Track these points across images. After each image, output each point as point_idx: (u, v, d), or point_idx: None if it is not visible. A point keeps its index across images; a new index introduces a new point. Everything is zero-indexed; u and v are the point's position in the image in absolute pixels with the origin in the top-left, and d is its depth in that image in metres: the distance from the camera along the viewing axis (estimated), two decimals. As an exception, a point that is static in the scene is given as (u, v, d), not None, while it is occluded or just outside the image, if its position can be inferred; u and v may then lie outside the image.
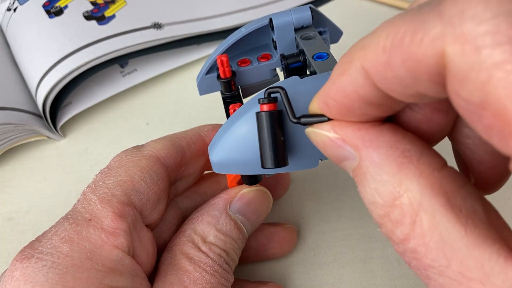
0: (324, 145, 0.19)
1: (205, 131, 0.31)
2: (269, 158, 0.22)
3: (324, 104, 0.19)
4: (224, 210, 0.28)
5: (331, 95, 0.18)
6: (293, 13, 0.28)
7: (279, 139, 0.22)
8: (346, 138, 0.18)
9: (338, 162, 0.19)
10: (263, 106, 0.22)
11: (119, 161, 0.28)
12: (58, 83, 0.42)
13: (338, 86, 0.18)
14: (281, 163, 0.22)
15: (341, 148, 0.19)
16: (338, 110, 0.18)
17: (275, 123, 0.22)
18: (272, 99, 0.22)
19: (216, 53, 0.30)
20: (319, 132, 0.19)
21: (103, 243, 0.24)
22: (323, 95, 0.19)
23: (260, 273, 0.35)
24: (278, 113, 0.22)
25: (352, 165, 0.18)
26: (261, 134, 0.22)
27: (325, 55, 0.26)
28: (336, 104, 0.18)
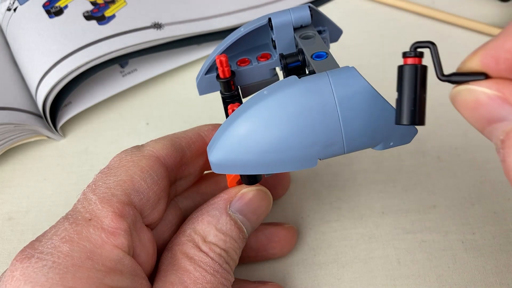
0: (478, 103, 0.18)
1: (205, 131, 0.31)
2: (407, 112, 0.21)
3: (493, 58, 0.18)
4: (224, 210, 0.28)
5: (509, 47, 0.17)
6: (292, 13, 0.28)
7: (422, 95, 0.21)
8: (510, 96, 0.17)
9: (488, 123, 0.18)
10: (408, 59, 0.21)
11: (119, 161, 0.28)
12: (58, 83, 0.42)
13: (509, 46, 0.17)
14: (420, 120, 0.21)
15: (499, 107, 0.17)
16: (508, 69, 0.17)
17: (420, 78, 0.21)
18: (418, 54, 0.21)
19: (215, 53, 0.30)
20: (475, 89, 0.18)
21: (103, 243, 0.24)
22: (496, 48, 0.17)
23: (260, 273, 0.35)
24: (424, 69, 0.21)
25: (507, 127, 0.17)
26: (402, 88, 0.21)
27: (324, 55, 0.26)
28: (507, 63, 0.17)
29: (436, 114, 0.42)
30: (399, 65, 0.21)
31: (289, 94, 0.23)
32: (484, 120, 0.18)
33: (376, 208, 0.37)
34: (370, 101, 0.22)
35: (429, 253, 0.35)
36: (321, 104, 0.22)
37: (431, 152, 0.40)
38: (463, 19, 0.48)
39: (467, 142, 0.40)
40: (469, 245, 0.35)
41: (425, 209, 0.37)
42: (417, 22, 0.50)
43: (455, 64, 0.21)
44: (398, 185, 0.38)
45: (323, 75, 0.23)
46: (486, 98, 0.18)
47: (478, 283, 0.33)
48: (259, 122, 0.23)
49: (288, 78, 0.23)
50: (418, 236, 0.35)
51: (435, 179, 0.38)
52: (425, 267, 0.34)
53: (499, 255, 0.34)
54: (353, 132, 0.23)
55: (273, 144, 0.23)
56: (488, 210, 0.36)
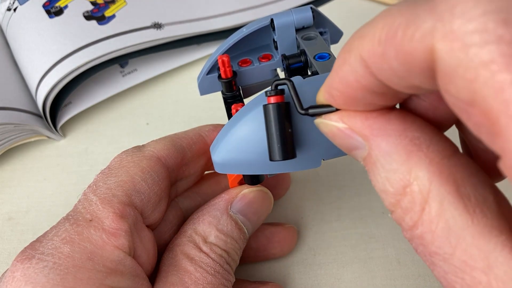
0: (333, 135, 0.19)
1: (206, 131, 0.31)
2: (277, 150, 0.22)
3: (329, 95, 0.19)
4: (225, 211, 0.28)
5: (335, 85, 0.18)
6: (294, 14, 0.28)
7: (287, 131, 0.22)
8: (354, 127, 0.18)
9: (348, 151, 0.19)
10: (270, 98, 0.22)
11: (120, 161, 0.28)
12: (58, 83, 0.42)
13: (340, 76, 0.17)
14: (289, 155, 0.22)
15: (350, 138, 0.18)
16: (343, 100, 0.18)
17: (283, 115, 0.22)
18: (279, 91, 0.22)
19: (217, 53, 0.30)
20: (327, 122, 0.19)
21: (104, 243, 0.24)
22: (327, 86, 0.19)
23: (260, 273, 0.35)
24: (285, 105, 0.22)
25: (362, 154, 0.18)
26: (269, 126, 0.22)
27: (326, 55, 0.26)
28: (340, 94, 0.18)
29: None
30: (264, 105, 0.22)
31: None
32: (344, 148, 0.19)
33: (376, 208, 0.37)
34: None
35: (429, 253, 0.35)
36: None
37: (431, 152, 0.40)
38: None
39: (467, 142, 0.40)
40: (469, 245, 0.35)
41: (425, 209, 0.37)
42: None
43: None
44: (398, 185, 0.38)
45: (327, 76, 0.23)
46: (337, 131, 0.19)
47: (478, 283, 0.33)
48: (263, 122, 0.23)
49: (292, 78, 0.23)
50: (418, 236, 0.35)
51: (435, 179, 0.38)
52: (425, 267, 0.34)
53: (499, 255, 0.34)
54: None
55: None
56: (488, 210, 0.36)
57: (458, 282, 0.16)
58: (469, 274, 0.15)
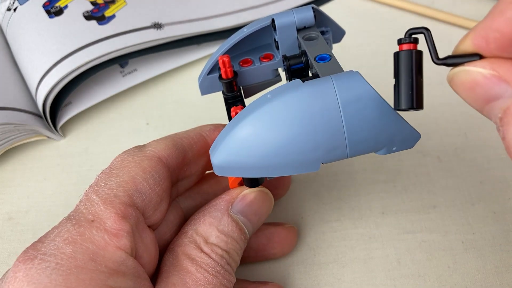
0: (475, 83, 0.18)
1: (207, 131, 0.31)
2: (405, 97, 0.21)
3: (483, 38, 0.18)
4: (226, 211, 0.28)
5: (496, 27, 0.17)
6: (295, 14, 0.28)
7: (419, 79, 0.21)
8: (503, 74, 0.17)
9: (487, 102, 0.18)
10: (403, 46, 0.21)
11: (121, 161, 0.27)
12: (58, 83, 0.42)
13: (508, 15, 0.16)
14: (418, 104, 0.21)
15: (495, 86, 0.18)
16: (501, 44, 0.17)
17: (416, 63, 0.21)
18: (413, 40, 0.21)
19: (218, 53, 0.30)
20: (471, 69, 0.18)
21: (106, 244, 0.24)
22: (484, 28, 0.18)
23: (260, 273, 0.35)
24: (419, 54, 0.21)
25: (504, 104, 0.17)
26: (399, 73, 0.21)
27: (327, 57, 0.26)
28: (500, 37, 0.17)
29: (436, 114, 0.42)
30: (395, 51, 0.21)
31: (292, 98, 0.23)
32: (482, 99, 0.18)
33: (376, 208, 0.37)
34: (374, 106, 0.22)
35: (429, 253, 0.35)
36: (325, 108, 0.22)
37: (431, 152, 0.40)
38: (463, 19, 0.49)
39: (467, 142, 0.40)
40: (469, 245, 0.35)
41: (425, 209, 0.37)
42: (417, 22, 0.50)
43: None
44: (398, 185, 0.38)
45: (327, 80, 0.23)
46: (482, 78, 0.18)
47: (478, 283, 0.33)
48: (263, 125, 0.23)
49: (291, 82, 0.23)
50: (418, 236, 0.36)
51: (435, 179, 0.38)
52: (425, 267, 0.34)
53: (499, 255, 0.34)
54: (356, 136, 0.23)
55: (276, 147, 0.23)
56: (488, 210, 0.36)
57: None
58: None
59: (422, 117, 0.42)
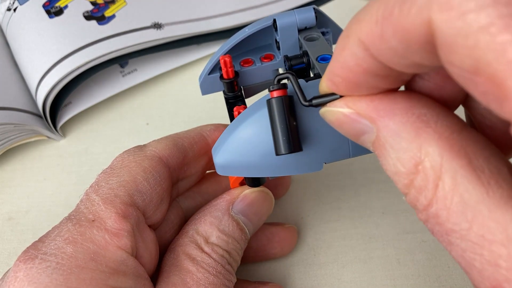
0: (340, 122, 0.19)
1: (207, 131, 0.31)
2: (282, 143, 0.22)
3: (332, 82, 0.18)
4: (227, 211, 0.28)
5: (336, 72, 0.18)
6: (296, 14, 0.28)
7: (292, 124, 0.22)
8: (360, 111, 0.18)
9: (357, 137, 0.19)
10: (273, 93, 0.22)
11: (121, 161, 0.28)
12: (58, 83, 0.42)
13: (341, 62, 0.17)
14: (295, 148, 0.22)
15: (357, 123, 0.18)
16: (346, 86, 0.18)
17: (287, 108, 0.22)
18: (282, 85, 0.22)
19: (219, 53, 0.30)
20: (333, 110, 0.19)
21: (107, 244, 0.24)
22: (329, 73, 0.18)
23: (260, 273, 0.35)
24: (288, 98, 0.22)
25: (371, 138, 0.18)
26: (273, 121, 0.22)
27: (329, 57, 0.26)
28: (342, 80, 0.18)
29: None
30: (267, 99, 0.22)
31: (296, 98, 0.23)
32: (352, 135, 0.19)
33: (376, 208, 0.37)
34: None
35: (429, 253, 0.35)
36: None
37: (431, 153, 0.40)
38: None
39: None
40: (469, 245, 0.35)
41: (425, 209, 0.37)
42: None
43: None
44: (398, 185, 0.38)
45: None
46: (344, 117, 0.19)
47: (478, 283, 0.33)
48: (265, 125, 0.23)
49: None
50: (418, 236, 0.36)
51: (435, 180, 0.38)
52: (425, 267, 0.34)
53: (499, 255, 0.34)
54: None
55: None
56: (487, 210, 0.36)
57: (477, 259, 0.15)
58: (487, 249, 0.15)
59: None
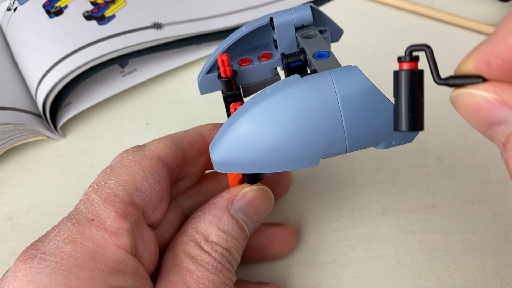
0: (477, 107, 0.18)
1: (206, 131, 0.31)
2: (406, 120, 0.20)
3: (485, 63, 0.17)
4: (226, 209, 0.28)
5: (498, 53, 0.17)
6: (293, 12, 0.28)
7: (420, 100, 0.21)
8: (507, 99, 0.17)
9: (489, 126, 0.18)
10: (404, 64, 0.20)
11: (121, 160, 0.28)
12: (58, 83, 0.42)
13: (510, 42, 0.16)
14: (418, 126, 0.21)
15: (498, 110, 0.17)
16: (503, 70, 0.17)
17: (418, 82, 0.20)
18: (414, 58, 0.21)
19: (217, 53, 0.30)
20: (473, 93, 0.18)
21: (106, 243, 0.24)
22: (486, 53, 0.17)
23: (260, 273, 0.35)
24: (420, 73, 0.21)
25: (508, 130, 0.17)
26: (400, 93, 0.21)
27: (325, 54, 0.26)
28: (502, 63, 0.17)
29: (436, 115, 0.42)
30: (395, 70, 0.21)
31: (291, 93, 0.23)
32: (485, 123, 0.18)
33: (376, 208, 0.37)
34: (372, 100, 0.22)
35: (429, 253, 0.35)
36: (324, 103, 0.22)
37: (431, 152, 0.40)
38: (463, 19, 0.49)
39: (467, 142, 0.40)
40: (469, 245, 0.35)
41: (425, 209, 0.37)
42: (417, 22, 0.50)
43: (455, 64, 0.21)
44: (398, 185, 0.38)
45: (325, 74, 0.23)
46: (485, 102, 0.18)
47: (478, 283, 0.33)
48: (262, 121, 0.23)
49: (290, 77, 0.23)
50: (418, 236, 0.35)
51: (435, 179, 0.38)
52: (425, 267, 0.34)
53: (499, 255, 0.34)
54: (355, 131, 0.23)
55: (275, 142, 0.23)
56: (488, 210, 0.36)
57: None
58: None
59: (422, 117, 0.42)
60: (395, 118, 0.21)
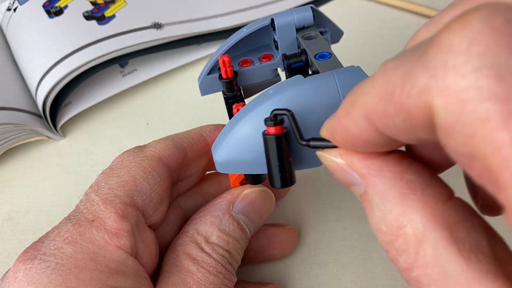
0: (333, 169, 0.20)
1: (207, 131, 0.31)
2: (277, 179, 0.23)
3: (331, 135, 0.19)
4: (227, 211, 0.28)
5: (337, 131, 0.18)
6: (294, 13, 0.28)
7: (287, 160, 0.23)
8: (352, 165, 0.19)
9: (347, 186, 0.19)
10: (270, 129, 0.22)
11: (121, 161, 0.28)
12: (58, 83, 0.42)
13: (343, 125, 0.18)
14: (288, 183, 0.23)
15: (348, 174, 0.19)
16: (344, 144, 0.18)
17: (283, 146, 0.22)
18: (278, 122, 0.22)
19: (218, 54, 0.30)
20: (327, 157, 0.20)
21: (106, 244, 0.24)
22: (330, 128, 0.19)
23: (260, 274, 0.35)
24: (285, 136, 0.22)
25: (359, 191, 0.19)
26: (269, 155, 0.23)
27: (327, 55, 0.26)
28: (341, 140, 0.18)
29: (435, 115, 0.42)
30: (263, 133, 0.23)
31: (294, 93, 0.23)
32: (342, 182, 0.20)
33: (376, 208, 0.37)
34: None
35: (429, 253, 0.35)
36: (327, 103, 0.22)
37: (431, 152, 0.40)
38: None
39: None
40: (469, 245, 0.35)
41: (425, 209, 0.37)
42: (417, 22, 0.50)
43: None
44: (398, 185, 0.38)
45: (328, 75, 0.23)
46: (336, 166, 0.19)
47: (478, 283, 0.33)
48: None
49: (293, 77, 0.23)
50: (418, 236, 0.35)
51: (435, 179, 0.38)
52: (425, 267, 0.34)
53: (499, 255, 0.34)
54: None
55: None
56: (488, 210, 0.36)
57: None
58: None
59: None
60: (269, 176, 0.23)
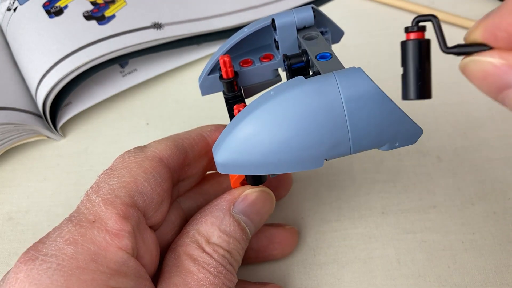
0: (486, 73, 0.19)
1: (208, 132, 0.31)
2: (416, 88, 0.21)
3: (492, 34, 0.18)
4: (228, 211, 0.28)
5: (504, 27, 0.17)
6: (295, 13, 0.28)
7: (428, 69, 0.21)
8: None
9: (499, 91, 0.18)
10: (411, 35, 0.21)
11: (122, 162, 0.27)
12: (58, 83, 0.42)
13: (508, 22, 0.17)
14: (427, 94, 0.21)
15: (507, 75, 0.18)
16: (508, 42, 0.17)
17: (424, 52, 0.21)
18: (421, 27, 0.21)
19: (218, 54, 0.30)
20: (481, 59, 0.19)
21: (108, 245, 0.24)
22: (493, 25, 0.18)
23: (260, 274, 0.35)
24: (427, 43, 0.21)
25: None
26: (408, 63, 0.21)
27: (328, 55, 0.26)
28: (508, 37, 0.17)
29: (436, 114, 0.42)
30: (402, 40, 0.21)
31: (296, 94, 0.23)
32: (495, 88, 0.19)
33: (376, 208, 0.37)
34: (376, 102, 0.22)
35: (429, 253, 0.35)
36: (328, 104, 0.22)
37: (431, 152, 0.40)
38: (463, 19, 0.49)
39: (467, 142, 0.40)
40: (469, 245, 0.35)
41: (425, 209, 0.37)
42: (416, 22, 0.50)
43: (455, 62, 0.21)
44: (398, 185, 0.38)
45: (329, 76, 0.23)
46: (493, 67, 0.18)
47: (478, 283, 0.33)
48: (266, 122, 0.23)
49: (294, 78, 0.23)
50: (418, 236, 0.36)
51: (435, 179, 0.38)
52: (425, 267, 0.34)
53: (499, 255, 0.34)
54: (359, 132, 0.23)
55: (279, 144, 0.23)
56: (488, 210, 0.36)
57: None
58: None
59: (422, 117, 0.42)
60: (403, 87, 0.21)
